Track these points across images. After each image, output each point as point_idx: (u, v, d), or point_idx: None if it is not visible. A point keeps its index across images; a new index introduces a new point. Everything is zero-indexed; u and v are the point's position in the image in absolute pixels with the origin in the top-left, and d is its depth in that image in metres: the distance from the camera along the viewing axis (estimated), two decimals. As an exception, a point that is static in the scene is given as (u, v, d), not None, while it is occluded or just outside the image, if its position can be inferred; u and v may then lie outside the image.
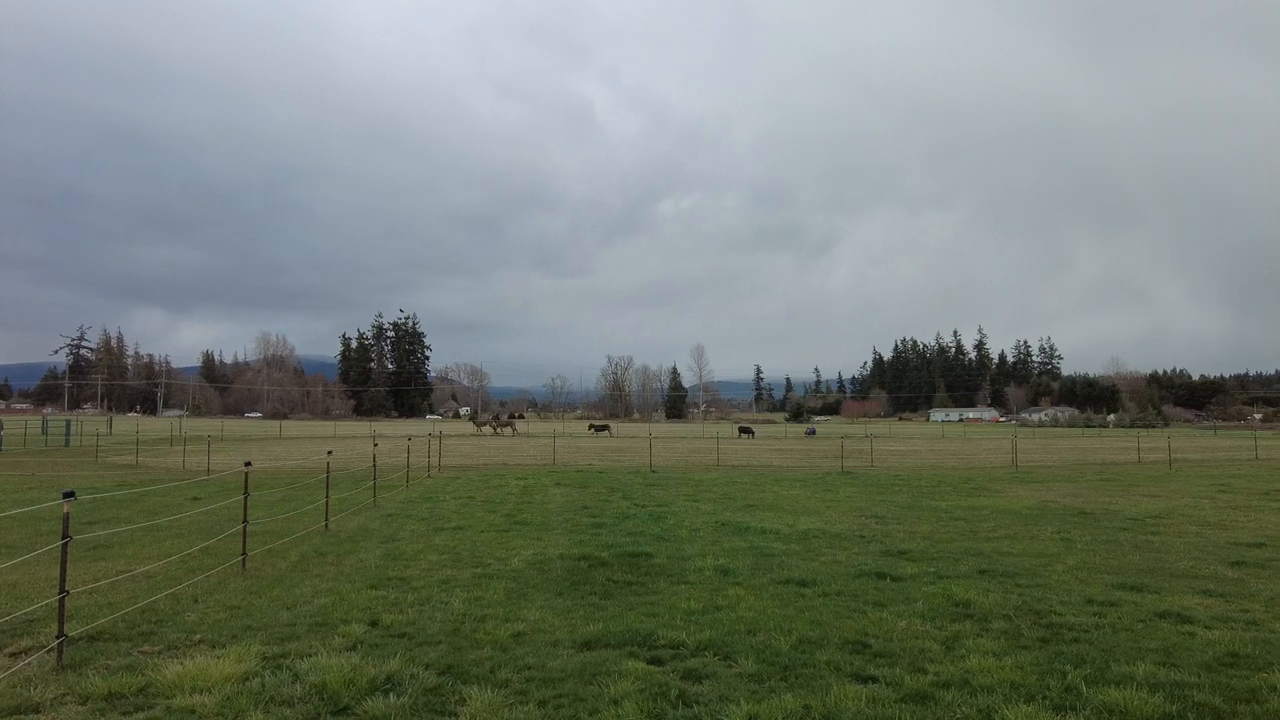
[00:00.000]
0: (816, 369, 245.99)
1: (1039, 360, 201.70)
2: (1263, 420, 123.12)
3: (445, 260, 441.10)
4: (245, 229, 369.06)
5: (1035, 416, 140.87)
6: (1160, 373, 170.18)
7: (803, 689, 5.49)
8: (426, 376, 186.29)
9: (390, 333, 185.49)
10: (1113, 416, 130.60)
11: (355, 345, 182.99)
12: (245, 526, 10.01)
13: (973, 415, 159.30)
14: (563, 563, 10.16)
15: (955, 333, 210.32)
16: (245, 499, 10.12)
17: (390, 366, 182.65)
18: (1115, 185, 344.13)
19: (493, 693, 5.40)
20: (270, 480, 21.85)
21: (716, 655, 6.27)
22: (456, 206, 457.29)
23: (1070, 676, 5.69)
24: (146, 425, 77.05)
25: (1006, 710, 5.04)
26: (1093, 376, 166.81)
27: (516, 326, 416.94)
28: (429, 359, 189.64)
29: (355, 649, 6.41)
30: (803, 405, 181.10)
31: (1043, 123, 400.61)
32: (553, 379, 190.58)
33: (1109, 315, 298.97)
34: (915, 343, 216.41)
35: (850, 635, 6.82)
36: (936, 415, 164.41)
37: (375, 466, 17.72)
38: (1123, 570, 9.82)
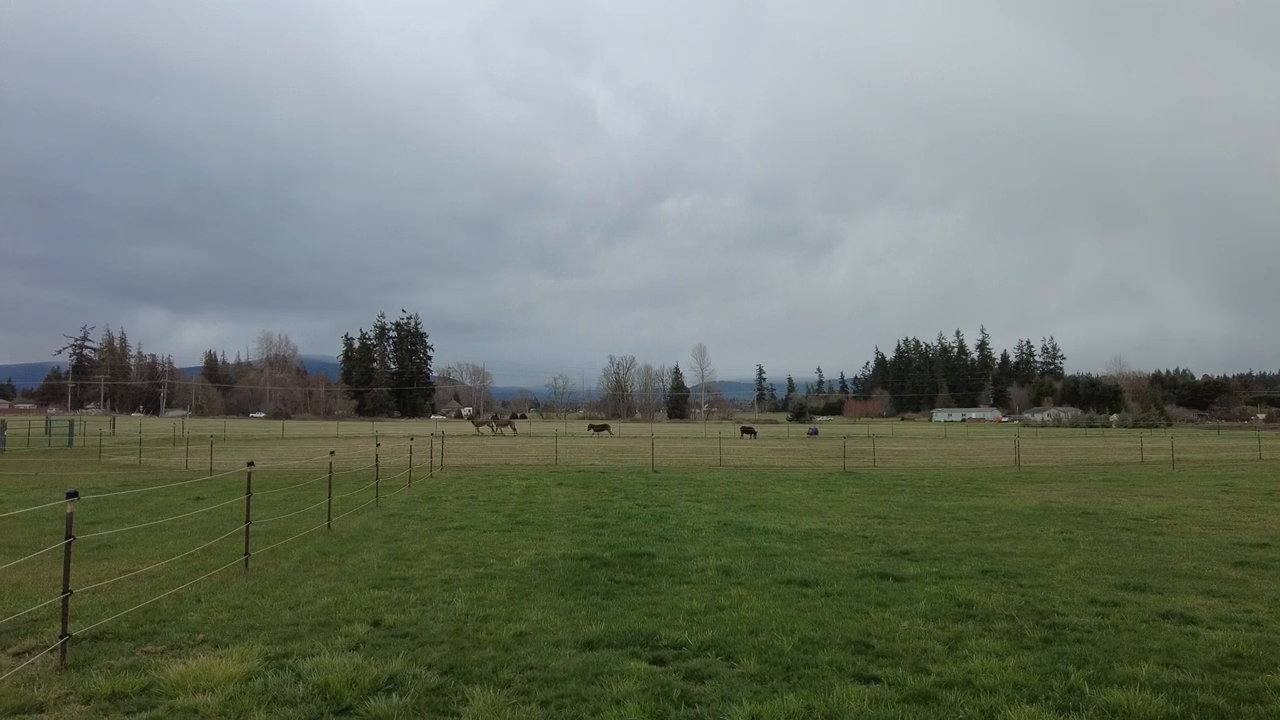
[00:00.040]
0: (818, 369, 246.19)
1: (1041, 360, 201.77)
2: (1266, 420, 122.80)
3: (446, 260, 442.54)
4: (246, 229, 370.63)
5: (1038, 416, 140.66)
6: (1163, 373, 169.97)
7: (805, 689, 5.49)
8: (429, 376, 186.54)
9: (392, 333, 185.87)
10: (1115, 416, 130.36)
11: (358, 345, 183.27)
12: (248, 526, 10.03)
13: (975, 415, 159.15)
14: (565, 563, 10.17)
15: (958, 333, 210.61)
16: (248, 499, 10.14)
17: (393, 366, 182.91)
18: (1115, 185, 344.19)
19: (495, 693, 5.40)
20: (273, 480, 21.89)
21: (719, 655, 6.27)
22: (457, 206, 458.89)
23: (1073, 677, 5.68)
24: (149, 425, 77.17)
25: (1009, 711, 5.04)
26: (1095, 376, 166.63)
27: (518, 326, 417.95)
28: (431, 359, 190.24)
29: (358, 649, 6.42)
30: (805, 405, 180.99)
31: (1043, 122, 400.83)
32: (555, 379, 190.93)
33: (1111, 315, 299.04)
34: (918, 343, 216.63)
35: (853, 635, 6.81)
36: (939, 415, 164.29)
37: (378, 466, 17.73)
38: (1126, 570, 9.80)
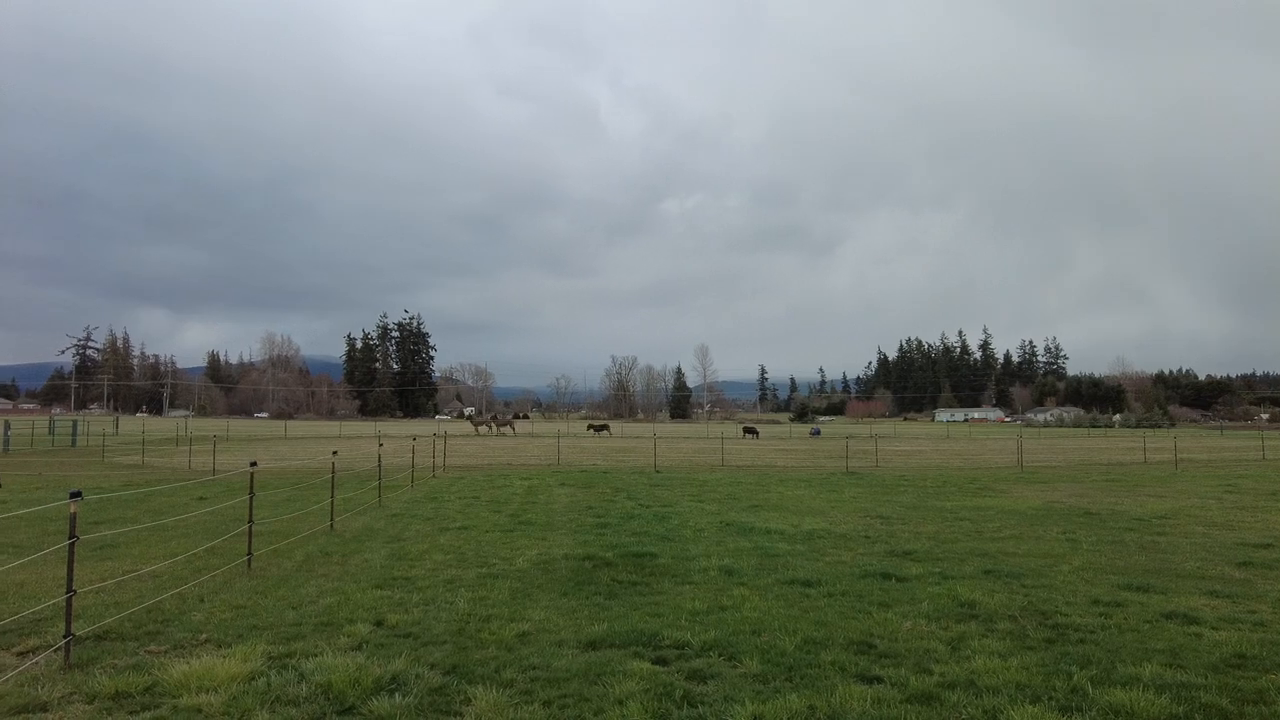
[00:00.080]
0: (821, 369, 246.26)
1: (1044, 360, 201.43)
2: (1270, 420, 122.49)
3: (449, 260, 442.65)
4: (248, 229, 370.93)
5: (1040, 416, 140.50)
6: (1166, 373, 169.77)
7: (808, 689, 5.48)
8: (431, 377, 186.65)
9: (395, 333, 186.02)
10: (1118, 416, 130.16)
11: (360, 345, 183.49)
12: (251, 526, 10.05)
13: (978, 415, 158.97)
14: (567, 563, 10.17)
15: (960, 333, 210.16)
16: (251, 499, 10.15)
17: (395, 367, 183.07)
18: (1116, 185, 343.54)
19: (498, 693, 5.40)
20: (275, 480, 21.92)
21: (721, 655, 6.27)
22: (459, 206, 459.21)
23: (1076, 677, 5.67)
24: (152, 425, 77.34)
25: (1012, 711, 5.03)
26: (1098, 376, 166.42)
27: (521, 327, 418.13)
28: (434, 359, 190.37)
29: (360, 649, 6.42)
30: (807, 405, 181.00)
31: (1043, 122, 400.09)
32: (557, 379, 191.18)
33: (1113, 315, 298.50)
34: (920, 343, 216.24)
35: (855, 636, 6.81)
36: (941, 415, 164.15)
37: (380, 466, 17.74)
38: (1129, 571, 9.78)
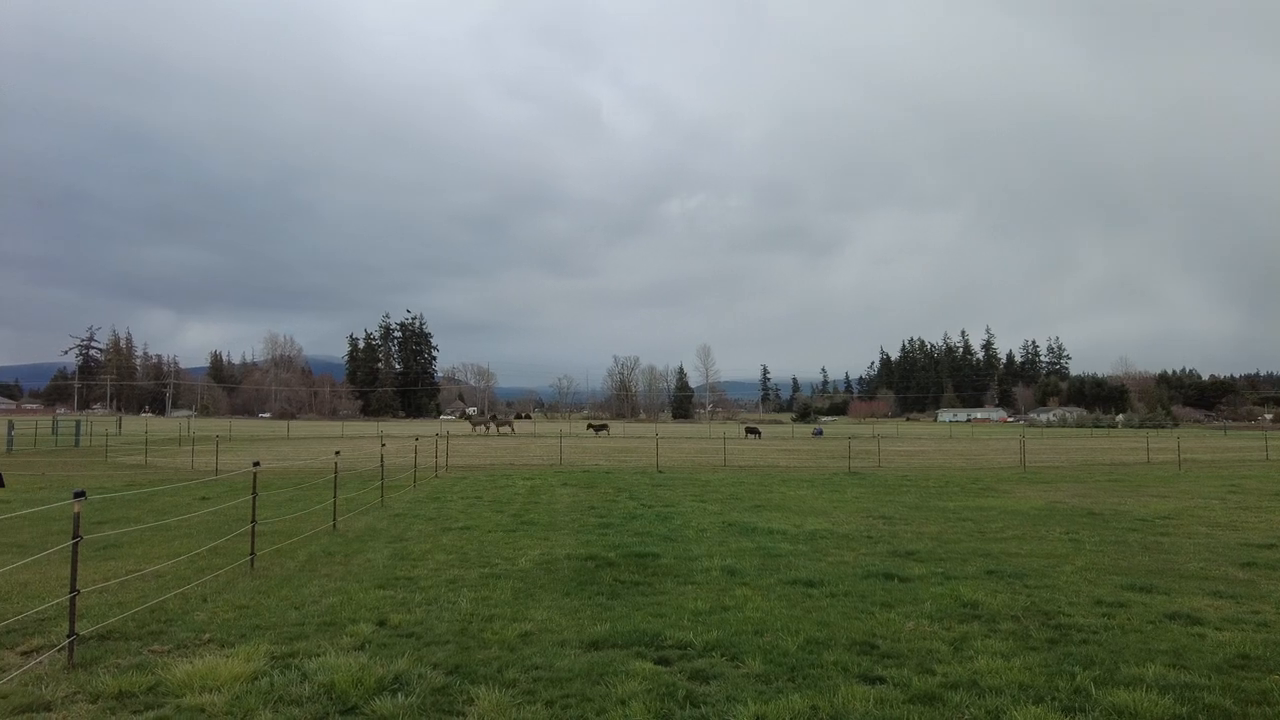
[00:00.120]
0: (823, 369, 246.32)
1: (1047, 360, 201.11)
2: (1273, 420, 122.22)
3: (451, 261, 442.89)
4: (249, 229, 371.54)
5: (1043, 417, 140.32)
6: (1169, 373, 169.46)
7: (810, 689, 5.48)
8: (433, 377, 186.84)
9: (397, 333, 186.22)
10: (1121, 417, 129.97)
11: (363, 346, 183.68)
12: (254, 526, 10.06)
13: (980, 415, 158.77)
14: (570, 563, 10.17)
15: (963, 333, 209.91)
16: (253, 499, 10.17)
17: (397, 367, 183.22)
18: (1119, 184, 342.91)
19: (500, 692, 5.41)
20: (278, 480, 21.95)
21: (724, 656, 6.27)
22: (461, 207, 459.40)
23: (1079, 678, 5.67)
24: (155, 425, 77.52)
25: (1015, 711, 5.02)
26: (1101, 376, 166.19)
27: (523, 327, 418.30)
28: (436, 359, 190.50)
29: (363, 649, 6.43)
30: (809, 405, 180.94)
31: (1046, 122, 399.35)
32: (559, 379, 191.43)
33: (1116, 315, 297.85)
34: (923, 343, 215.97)
35: (858, 636, 6.80)
36: (944, 415, 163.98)
37: (383, 466, 17.76)
38: (1132, 571, 9.77)
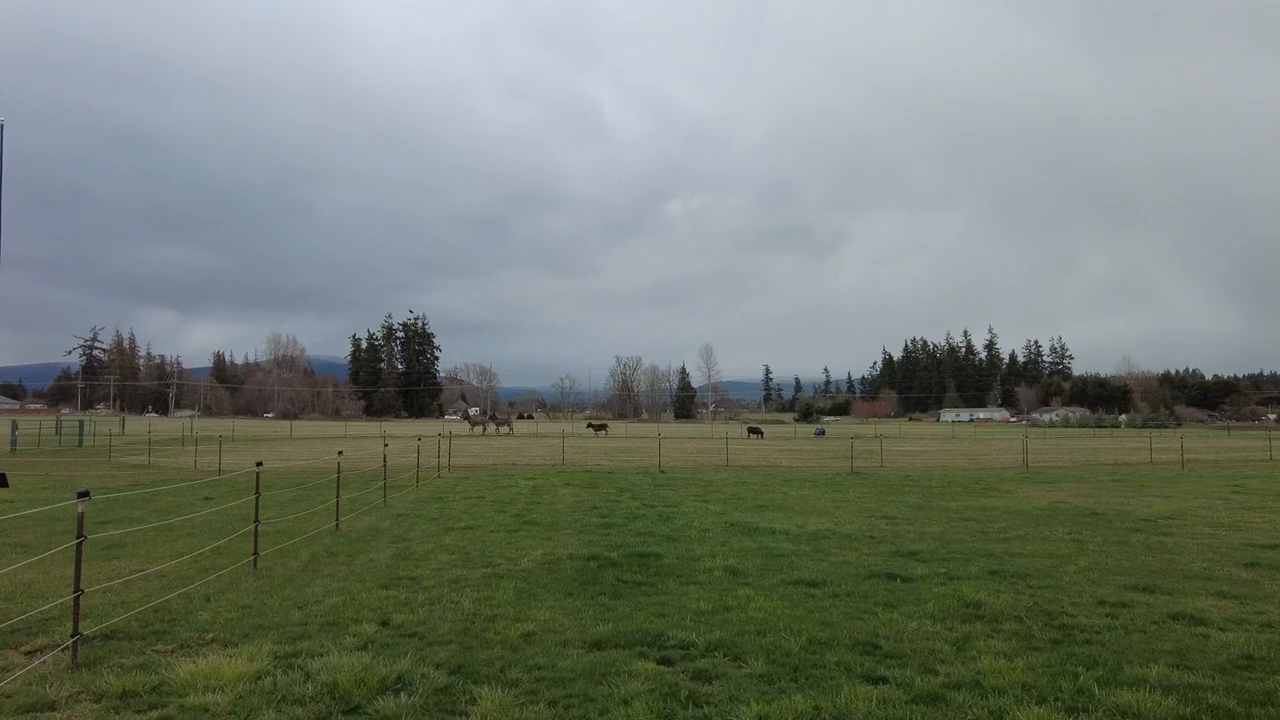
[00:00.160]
0: (826, 369, 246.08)
1: (1050, 360, 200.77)
2: (1277, 420, 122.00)
3: (452, 261, 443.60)
4: (251, 229, 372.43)
5: (1046, 417, 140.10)
6: (1172, 373, 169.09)
7: (813, 690, 5.48)
8: (436, 377, 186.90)
9: (400, 333, 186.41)
10: (1124, 417, 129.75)
11: (365, 346, 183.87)
12: (257, 526, 10.08)
13: (983, 415, 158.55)
14: (572, 563, 10.18)
15: (965, 332, 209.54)
16: (256, 499, 10.19)
17: (400, 367, 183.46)
18: (1122, 184, 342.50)
19: (503, 692, 5.41)
20: (281, 480, 21.98)
21: (726, 656, 6.27)
22: (462, 207, 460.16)
23: (1082, 678, 5.66)
24: (159, 425, 77.61)
25: (1018, 712, 5.02)
26: (1104, 376, 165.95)
27: (525, 327, 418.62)
28: (438, 359, 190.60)
29: (366, 648, 6.44)
30: (812, 405, 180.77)
31: (1048, 122, 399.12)
32: (561, 379, 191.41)
33: (1119, 315, 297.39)
34: (925, 343, 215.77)
35: (861, 636, 6.80)
36: (947, 415, 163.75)
37: (385, 467, 17.78)
38: (1135, 571, 9.75)
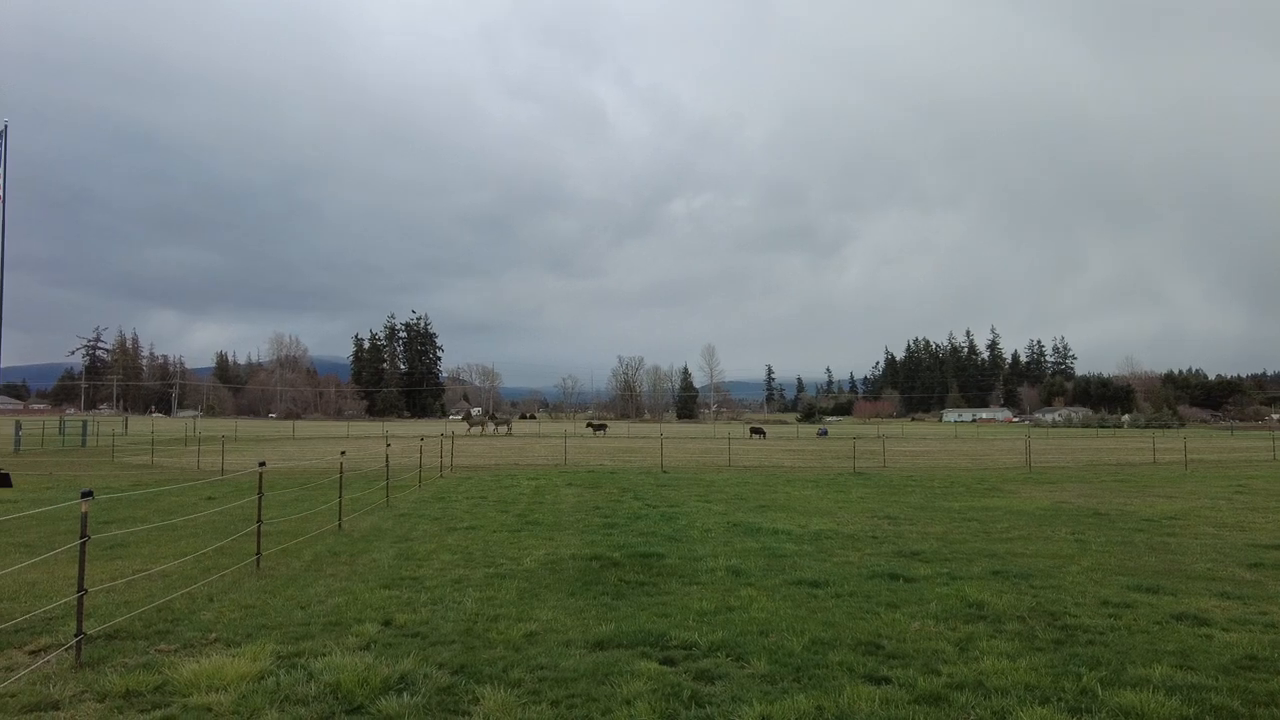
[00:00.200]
0: (828, 369, 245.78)
1: (1052, 360, 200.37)
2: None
3: (456, 261, 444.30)
4: (256, 230, 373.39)
5: (1049, 417, 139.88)
6: (1176, 372, 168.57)
7: (816, 690, 5.47)
8: (439, 377, 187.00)
9: (402, 333, 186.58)
10: (1127, 417, 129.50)
11: (368, 346, 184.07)
12: (259, 526, 10.09)
13: (986, 415, 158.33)
14: (575, 563, 10.18)
15: (968, 332, 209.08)
16: (259, 499, 10.19)
17: (403, 367, 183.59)
18: (1125, 183, 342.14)
19: (506, 692, 5.41)
20: (284, 480, 22.00)
21: (729, 656, 6.27)
22: (467, 207, 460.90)
23: (1085, 679, 5.65)
24: (162, 426, 77.78)
25: (1021, 712, 5.01)
26: (1107, 376, 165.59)
27: (528, 327, 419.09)
28: (441, 360, 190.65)
29: (369, 648, 6.44)
30: (814, 406, 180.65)
31: (1050, 121, 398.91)
32: (564, 379, 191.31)
33: (1123, 315, 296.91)
34: (928, 342, 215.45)
35: (863, 636, 6.79)
36: (949, 416, 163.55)
37: (388, 467, 17.80)
38: (1138, 572, 9.73)
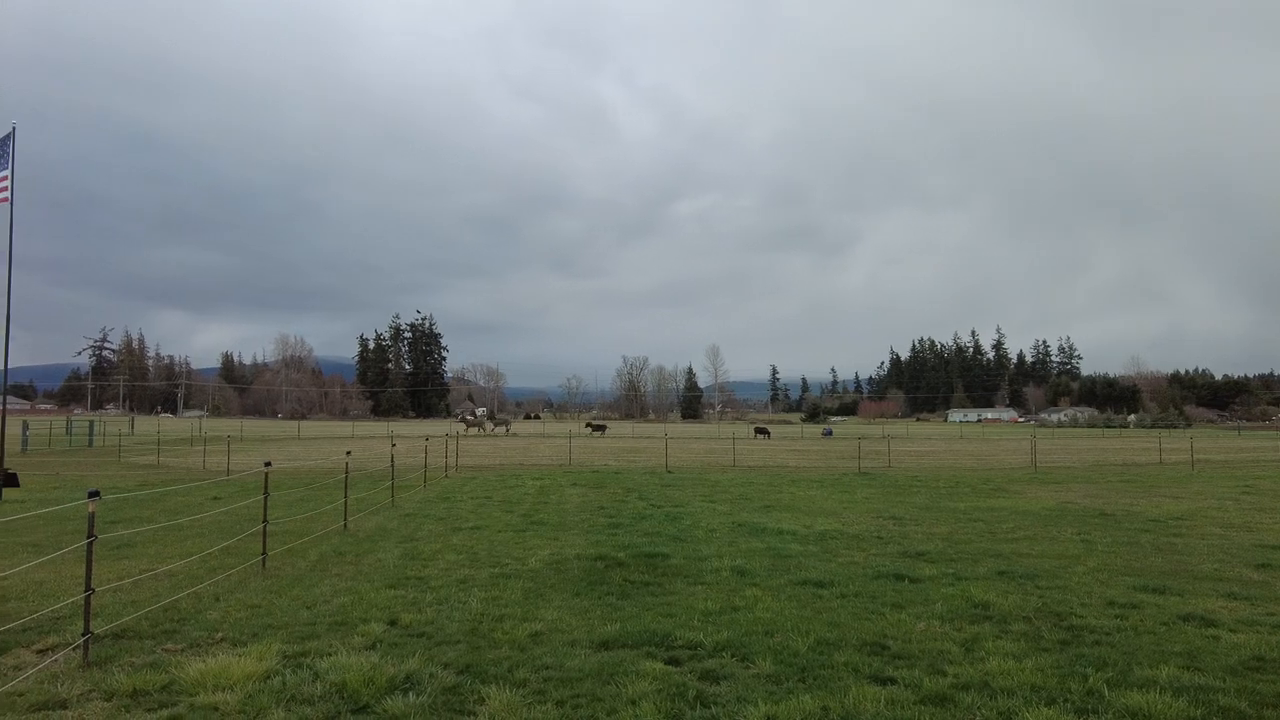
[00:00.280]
0: (833, 369, 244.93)
1: (1058, 360, 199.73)
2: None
3: (460, 261, 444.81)
4: (260, 230, 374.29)
5: (1054, 417, 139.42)
6: (1182, 372, 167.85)
7: (821, 690, 5.47)
8: (443, 377, 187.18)
9: (407, 334, 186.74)
10: (1133, 417, 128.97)
11: (373, 346, 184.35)
12: (265, 526, 10.12)
13: (991, 416, 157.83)
14: (580, 563, 10.19)
15: (973, 332, 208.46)
16: (265, 499, 10.23)
17: (407, 367, 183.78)
18: (1130, 183, 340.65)
19: (511, 692, 5.42)
20: (289, 480, 22.06)
21: (734, 656, 6.26)
22: (471, 208, 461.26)
23: (1092, 679, 5.63)
24: (168, 426, 78.04)
25: (1027, 713, 5.00)
26: (1113, 376, 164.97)
27: (532, 327, 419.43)
28: (445, 360, 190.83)
29: (374, 648, 6.46)
30: (819, 406, 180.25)
31: (1054, 120, 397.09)
32: (568, 379, 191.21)
33: (1128, 314, 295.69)
34: (933, 342, 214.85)
35: (868, 637, 6.78)
36: (954, 416, 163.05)
37: (393, 467, 17.83)
38: (1144, 572, 9.70)
